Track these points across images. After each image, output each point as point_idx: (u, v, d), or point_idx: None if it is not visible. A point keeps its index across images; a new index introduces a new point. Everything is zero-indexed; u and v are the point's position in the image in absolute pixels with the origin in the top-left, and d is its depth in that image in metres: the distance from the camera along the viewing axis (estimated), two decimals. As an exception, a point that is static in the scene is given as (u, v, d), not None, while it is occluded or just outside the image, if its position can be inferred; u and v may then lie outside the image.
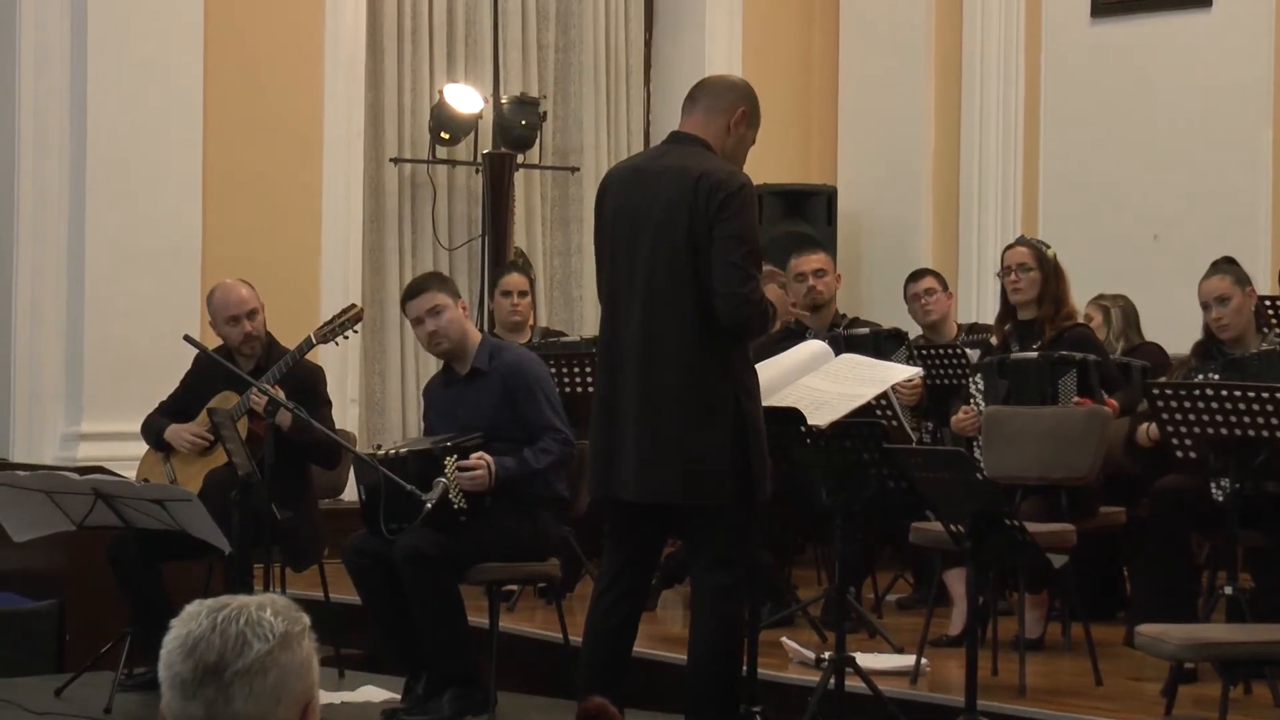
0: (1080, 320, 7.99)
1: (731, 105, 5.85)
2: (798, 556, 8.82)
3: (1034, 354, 7.63)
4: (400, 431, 10.46)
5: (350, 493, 7.45)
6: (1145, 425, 7.04)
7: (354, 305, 7.85)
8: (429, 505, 6.60)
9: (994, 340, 8.03)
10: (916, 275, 9.31)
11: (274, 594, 2.64)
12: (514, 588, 8.19)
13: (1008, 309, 7.85)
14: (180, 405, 7.69)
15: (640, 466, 5.71)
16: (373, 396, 10.82)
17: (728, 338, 5.72)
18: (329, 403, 7.65)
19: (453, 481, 6.67)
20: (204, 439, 7.52)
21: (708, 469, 5.66)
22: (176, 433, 7.58)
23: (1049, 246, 7.85)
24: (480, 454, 6.73)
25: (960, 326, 9.25)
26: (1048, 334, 7.70)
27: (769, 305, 5.82)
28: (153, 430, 7.66)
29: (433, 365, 7.82)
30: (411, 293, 7.07)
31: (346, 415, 9.79)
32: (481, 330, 7.67)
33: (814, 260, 8.51)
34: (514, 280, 9.25)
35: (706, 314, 5.66)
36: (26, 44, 9.45)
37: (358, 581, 6.86)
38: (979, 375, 7.80)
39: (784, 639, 7.20)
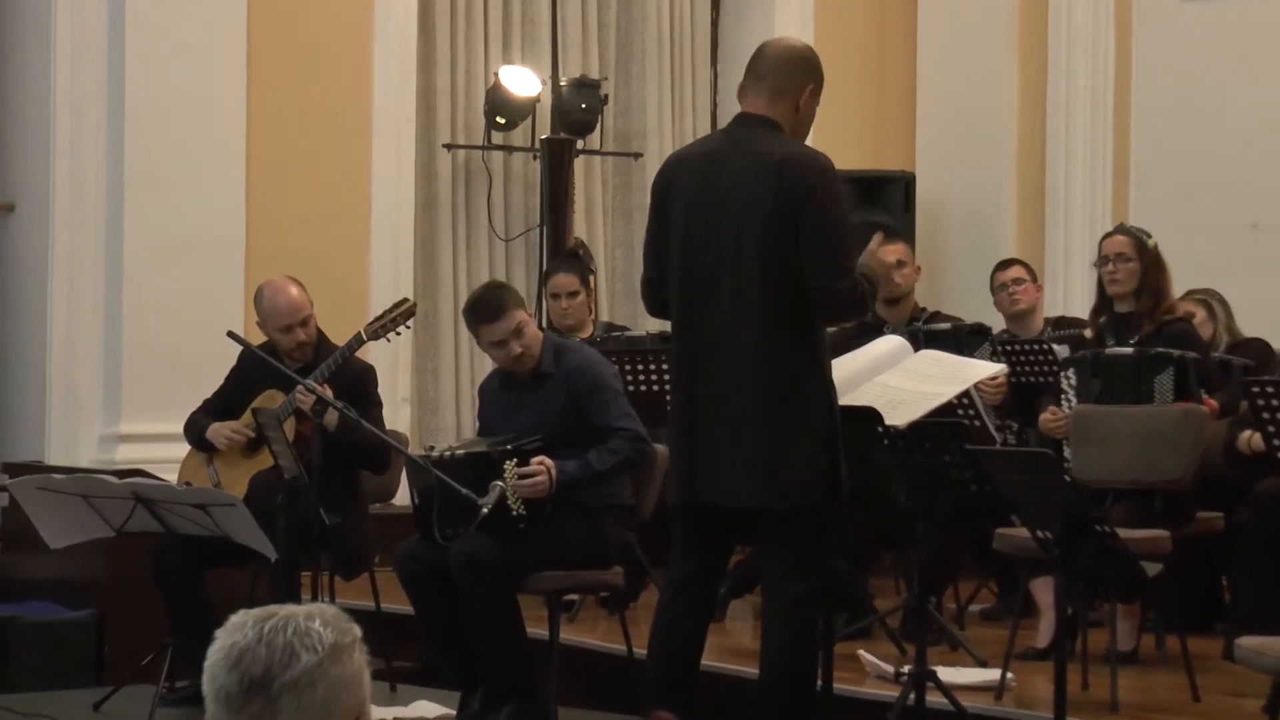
0: (1181, 315, 7.85)
1: (801, 84, 5.82)
2: (875, 564, 8.73)
3: (1129, 349, 7.52)
4: (454, 432, 10.41)
5: (402, 497, 7.41)
6: (1248, 434, 6.98)
7: (406, 300, 7.75)
8: (485, 510, 6.49)
9: (1087, 334, 7.93)
10: (1005, 263, 9.23)
11: (323, 603, 2.71)
12: (575, 597, 8.11)
13: (1104, 301, 7.75)
14: (224, 404, 7.60)
15: (740, 469, 5.67)
16: (425, 396, 10.74)
17: (818, 335, 5.72)
18: (380, 403, 7.53)
19: (511, 486, 6.55)
20: (244, 434, 7.43)
21: (808, 472, 5.63)
22: (217, 430, 7.50)
23: (1150, 236, 7.73)
24: (541, 459, 6.62)
25: (1047, 320, 9.16)
26: (1145, 329, 7.59)
27: (864, 292, 5.79)
28: (195, 430, 7.57)
29: (489, 362, 7.81)
30: (490, 314, 6.79)
31: (398, 415, 9.74)
32: (541, 327, 7.56)
33: (892, 251, 8.29)
34: (561, 281, 9.09)
35: (800, 310, 5.65)
36: (63, 27, 9.40)
37: (410, 590, 6.78)
38: (1071, 370, 7.70)
39: (860, 651, 7.12)
